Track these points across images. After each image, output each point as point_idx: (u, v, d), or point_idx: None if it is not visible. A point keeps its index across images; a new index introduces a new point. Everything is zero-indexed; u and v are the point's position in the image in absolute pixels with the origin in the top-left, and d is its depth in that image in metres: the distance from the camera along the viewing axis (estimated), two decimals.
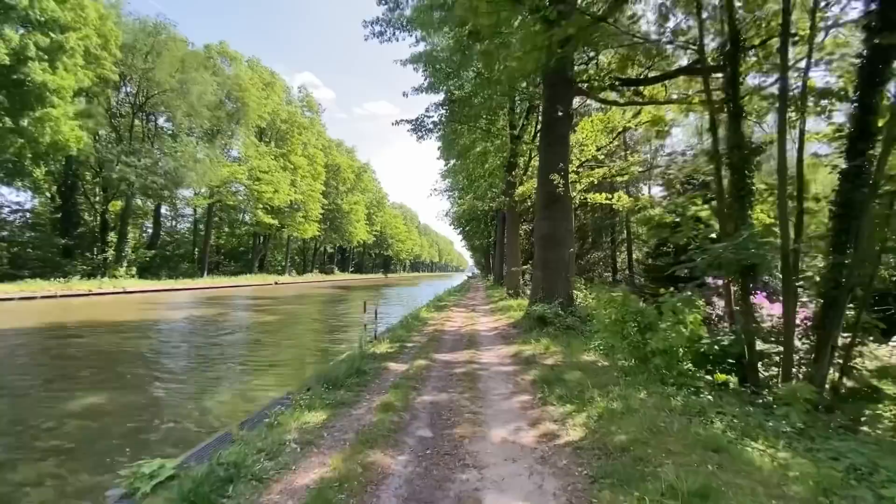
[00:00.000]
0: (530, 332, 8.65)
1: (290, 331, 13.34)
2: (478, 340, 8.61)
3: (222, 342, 10.94)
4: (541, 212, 10.13)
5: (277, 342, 11.04)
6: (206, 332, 12.44)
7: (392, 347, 7.71)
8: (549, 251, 9.81)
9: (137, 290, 26.56)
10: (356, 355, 6.63)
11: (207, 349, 9.98)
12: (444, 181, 41.07)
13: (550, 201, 9.88)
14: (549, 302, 9.39)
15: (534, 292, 10.07)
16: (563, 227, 9.95)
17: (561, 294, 9.55)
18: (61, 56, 21.48)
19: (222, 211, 45.67)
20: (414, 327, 10.32)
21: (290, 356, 9.19)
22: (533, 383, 5.24)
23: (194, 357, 9.16)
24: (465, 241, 62.41)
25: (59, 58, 21.49)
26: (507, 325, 10.66)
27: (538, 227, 10.11)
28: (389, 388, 5.11)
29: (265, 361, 8.67)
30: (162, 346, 10.33)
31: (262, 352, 9.73)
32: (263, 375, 7.70)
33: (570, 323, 8.35)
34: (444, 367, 6.32)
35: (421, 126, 13.55)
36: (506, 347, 7.76)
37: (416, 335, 9.20)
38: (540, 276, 9.83)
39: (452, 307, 16.09)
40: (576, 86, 10.31)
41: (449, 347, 7.90)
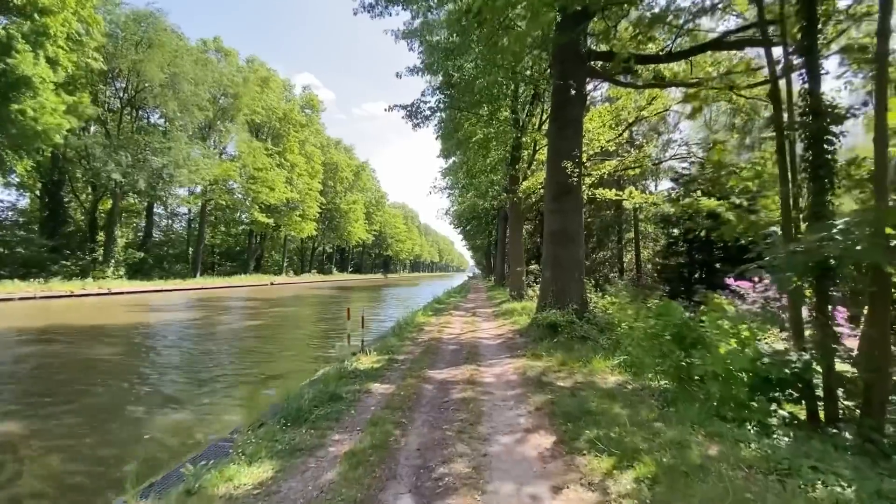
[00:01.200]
0: (540, 343, 7.51)
1: (275, 337, 12.20)
2: (480, 352, 7.46)
3: (192, 351, 9.80)
4: (550, 204, 8.97)
5: (256, 351, 9.89)
6: (179, 339, 11.32)
7: (379, 362, 6.56)
8: (560, 248, 8.66)
9: (124, 291, 25.46)
10: (332, 375, 5.49)
11: (171, 359, 8.85)
12: (444, 180, 40.07)
13: (561, 192, 8.73)
14: (560, 306, 8.24)
15: (542, 295, 8.92)
16: (575, 221, 8.81)
17: (574, 298, 8.40)
18: (41, 41, 20.41)
19: (218, 210, 44.59)
20: (408, 335, 9.18)
21: (267, 370, 8.03)
22: (551, 417, 4.09)
23: (151, 369, 8.01)
24: (466, 240, 61.35)
25: (40, 43, 20.43)
26: (512, 332, 9.51)
27: (548, 222, 8.97)
28: (367, 423, 3.97)
29: (233, 377, 7.49)
30: (120, 356, 9.19)
31: (235, 364, 8.58)
32: (226, 397, 6.55)
33: (585, 332, 7.20)
34: (439, 389, 5.18)
35: (417, 112, 12.37)
36: (512, 362, 6.60)
37: (410, 345, 8.06)
38: (550, 278, 8.68)
39: (452, 310, 14.94)
40: (588, 64, 9.16)
41: (446, 361, 6.75)
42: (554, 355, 6.57)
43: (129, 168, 27.53)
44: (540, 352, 6.89)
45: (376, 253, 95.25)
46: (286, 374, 7.42)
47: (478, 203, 37.63)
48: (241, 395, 6.67)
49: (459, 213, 44.41)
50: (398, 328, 9.96)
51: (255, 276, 43.45)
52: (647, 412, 4.01)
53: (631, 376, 5.45)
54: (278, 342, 11.21)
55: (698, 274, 17.77)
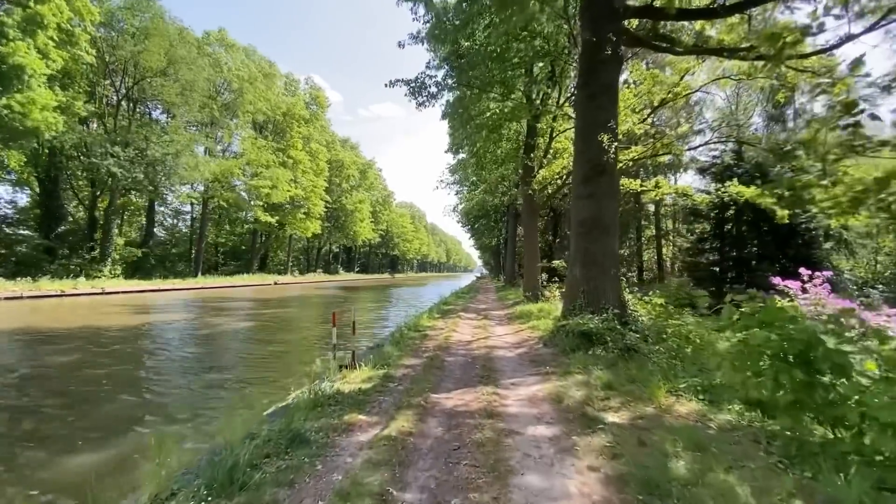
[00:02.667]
0: (571, 355, 6.06)
1: (262, 344, 10.89)
2: (496, 366, 6.03)
3: (157, 362, 8.49)
4: (580, 189, 7.50)
5: (230, 365, 8.54)
6: (152, 345, 10.05)
7: (371, 380, 5.18)
8: (591, 241, 7.19)
9: (118, 290, 24.45)
10: (303, 403, 4.11)
11: (125, 373, 7.51)
12: (452, 176, 38.67)
13: (594, 173, 7.26)
14: (593, 310, 6.78)
15: (570, 297, 7.45)
16: (610, 207, 7.33)
17: (610, 299, 6.93)
18: (31, 31, 19.44)
19: (221, 209, 43.71)
20: (409, 343, 7.78)
21: (234, 390, 6.61)
22: (620, 484, 2.65)
23: (90, 386, 6.64)
24: (474, 239, 59.83)
25: (31, 32, 19.46)
26: (533, 339, 8.06)
27: (577, 210, 7.50)
28: (333, 494, 2.57)
29: (184, 404, 5.87)
30: (66, 365, 7.90)
31: (197, 382, 7.06)
32: (155, 434, 5.09)
33: (631, 343, 5.72)
34: (446, 425, 3.77)
35: (421, 88, 10.90)
36: (541, 381, 5.17)
37: (411, 357, 6.65)
38: (580, 276, 7.21)
39: (461, 312, 13.52)
40: (622, 24, 7.68)
41: (455, 380, 5.34)
42: (593, 373, 5.13)
43: (126, 162, 26.56)
44: (574, 368, 5.45)
45: (383, 252, 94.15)
46: (254, 396, 6.03)
47: (487, 200, 36.21)
48: (178, 431, 4.84)
49: (467, 210, 43.01)
50: (399, 334, 8.57)
51: (258, 276, 42.45)
52: (767, 477, 2.56)
53: (706, 406, 4.00)
54: (262, 351, 9.86)
55: (732, 272, 16.13)
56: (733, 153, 15.59)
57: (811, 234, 14.66)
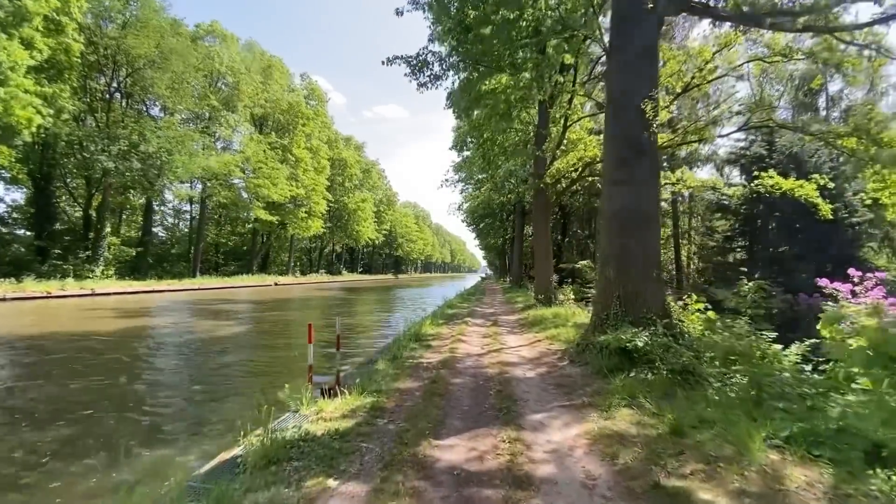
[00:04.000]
0: (609, 378, 4.81)
1: (242, 355, 9.71)
2: (515, 393, 4.78)
3: (116, 378, 7.27)
4: (613, 173, 6.24)
5: (198, 384, 7.26)
6: (118, 354, 8.88)
7: (353, 416, 3.96)
8: (628, 236, 5.93)
9: (108, 291, 23.44)
10: (252, 457, 2.90)
11: (66, 391, 6.33)
12: (457, 174, 37.42)
13: (631, 154, 6.00)
14: (631, 319, 5.52)
15: (601, 303, 6.19)
16: (650, 195, 6.06)
17: (652, 306, 5.67)
18: (15, 21, 18.43)
19: (220, 208, 42.75)
20: (408, 357, 6.56)
21: (181, 434, 5.34)
22: None
23: (21, 411, 5.50)
24: (479, 239, 58.53)
25: (14, 24, 18.45)
26: (553, 353, 6.80)
27: (609, 199, 6.23)
28: None
29: (109, 444, 4.70)
30: (17, 377, 6.76)
31: (130, 416, 5.67)
32: (73, 486, 3.91)
33: (690, 365, 4.46)
34: (452, 501, 2.53)
35: (423, 66, 9.64)
36: (577, 420, 3.91)
37: (409, 378, 5.43)
38: (613, 279, 5.94)
39: (467, 318, 12.28)
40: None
41: (462, 415, 4.10)
42: (644, 407, 3.88)
43: (118, 158, 25.55)
44: (617, 398, 4.19)
45: (387, 253, 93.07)
46: (196, 442, 4.77)
47: (492, 198, 34.93)
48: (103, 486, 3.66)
49: (472, 209, 41.77)
50: (396, 346, 7.35)
51: (258, 277, 41.43)
52: None
53: (832, 469, 2.74)
54: (241, 365, 8.64)
55: (764, 273, 14.76)
56: (765, 142, 14.24)
57: (854, 231, 13.27)
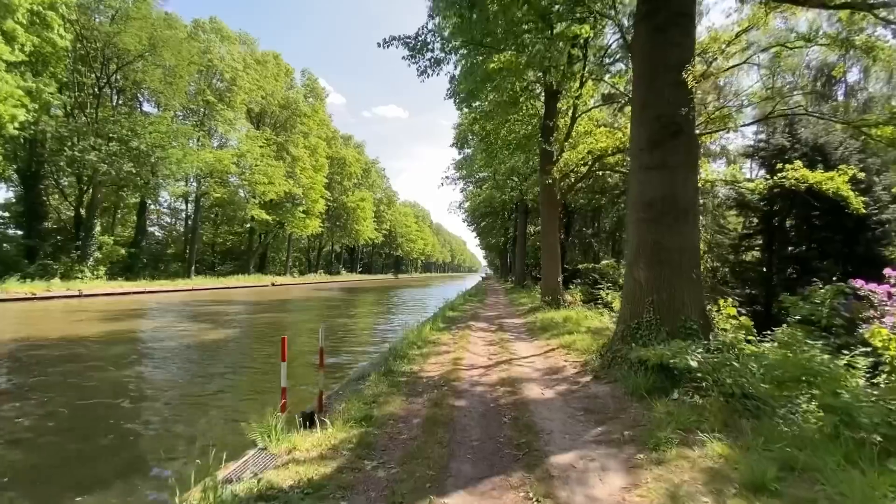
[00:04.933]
0: (648, 401, 3.95)
1: (223, 365, 8.84)
2: (535, 422, 3.90)
3: (68, 397, 6.40)
4: (643, 157, 5.37)
5: (162, 403, 6.43)
6: (83, 365, 8.00)
7: (333, 457, 3.10)
8: (663, 231, 5.07)
9: (96, 293, 22.58)
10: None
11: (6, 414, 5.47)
12: (458, 172, 36.60)
13: (665, 135, 5.14)
14: (668, 327, 4.67)
15: (630, 308, 5.31)
16: (689, 183, 5.20)
17: (691, 312, 4.81)
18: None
19: (217, 206, 41.89)
20: (405, 371, 5.70)
21: (132, 453, 4.41)
22: None
23: None
24: (480, 239, 57.70)
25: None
26: (571, 365, 5.94)
27: (639, 187, 5.36)
28: None
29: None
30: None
31: (94, 427, 4.92)
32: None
33: (746, 386, 3.58)
34: None
35: (423, 47, 8.72)
36: (621, 466, 3.04)
37: (406, 398, 4.56)
38: (645, 280, 5.08)
39: (470, 321, 11.41)
40: None
41: (472, 455, 3.23)
42: (705, 446, 3.03)
43: (108, 155, 24.69)
44: (665, 432, 3.33)
45: (386, 253, 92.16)
46: (132, 490, 3.87)
47: (494, 196, 34.09)
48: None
49: (473, 207, 40.94)
50: (392, 355, 6.48)
51: (254, 277, 40.58)
52: None
53: None
54: (219, 378, 7.74)
55: (785, 273, 13.91)
56: (787, 133, 13.37)
57: (884, 229, 12.41)
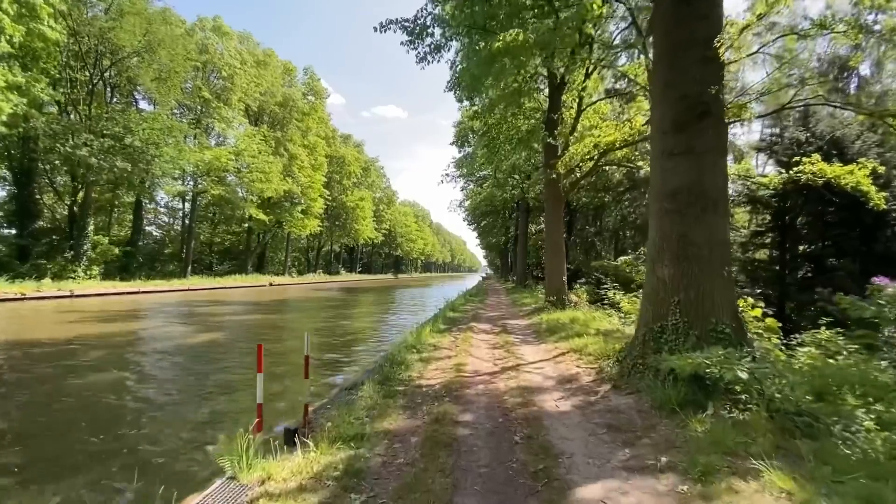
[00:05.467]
0: (678, 415, 3.42)
1: (204, 372, 8.31)
2: (551, 442, 3.37)
3: (38, 405, 5.91)
4: (666, 141, 4.83)
5: (135, 406, 5.89)
6: (46, 370, 7.46)
7: (316, 488, 2.57)
8: (690, 223, 4.54)
9: (89, 293, 22.05)
10: None
11: None
12: (458, 170, 36.10)
13: (691, 116, 4.61)
14: (697, 331, 4.14)
15: (653, 310, 4.77)
16: (718, 170, 4.67)
17: (722, 314, 4.29)
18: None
19: (214, 205, 41.36)
20: (402, 379, 5.17)
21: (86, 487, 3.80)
22: None
23: None
24: (480, 238, 57.17)
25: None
26: (584, 372, 5.41)
27: (662, 175, 4.83)
28: None
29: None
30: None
31: (51, 447, 4.37)
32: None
33: (798, 401, 3.05)
34: None
35: (423, 32, 8.17)
36: (663, 503, 2.52)
37: (402, 413, 4.03)
38: (669, 278, 4.55)
39: (471, 322, 10.88)
40: None
41: (479, 487, 2.70)
42: (765, 481, 2.50)
43: (102, 152, 24.16)
44: (707, 454, 2.81)
45: (386, 252, 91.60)
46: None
47: (495, 194, 33.56)
48: None
49: (474, 206, 40.39)
50: (390, 360, 5.96)
51: (252, 277, 40.05)
52: None
53: None
54: (196, 388, 7.16)
55: (800, 272, 13.38)
56: (802, 127, 12.84)
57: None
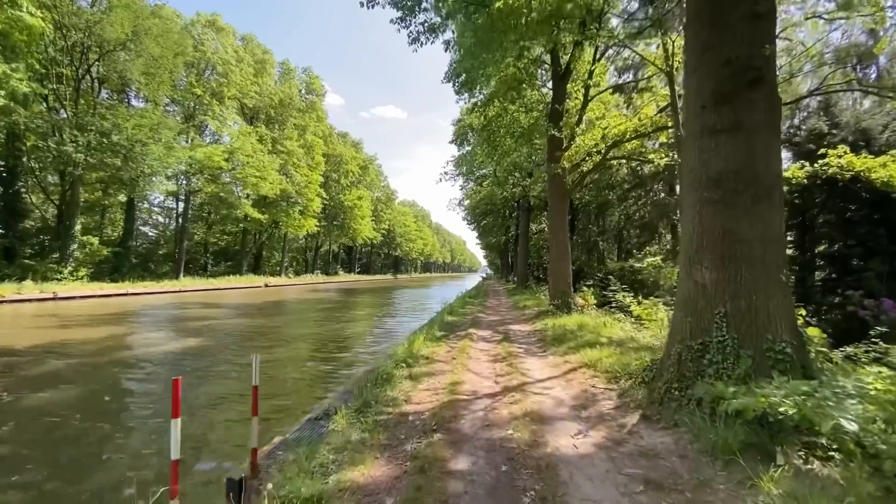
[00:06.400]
0: (740, 467, 2.58)
1: (160, 388, 7.46)
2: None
3: None
4: (705, 118, 3.96)
5: (62, 436, 5.07)
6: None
7: None
8: (736, 214, 3.69)
9: (73, 295, 21.20)
10: None
11: None
12: (457, 169, 35.26)
13: (737, 84, 3.76)
14: (751, 353, 3.29)
15: (693, 321, 3.90)
16: (771, 150, 3.81)
17: (780, 326, 3.44)
18: None
19: (209, 204, 40.52)
20: (383, 409, 4.32)
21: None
22: None
23: None
24: (480, 238, 56.31)
25: None
26: (604, 394, 4.56)
27: (702, 157, 3.96)
28: None
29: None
30: None
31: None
32: None
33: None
34: None
35: (415, 5, 7.39)
36: None
37: (379, 455, 3.18)
38: (710, 283, 3.69)
39: (470, 329, 10.01)
40: None
41: None
42: None
43: (87, 149, 23.33)
44: None
45: (385, 253, 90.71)
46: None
47: (495, 193, 32.75)
48: None
49: (473, 205, 39.54)
50: (373, 379, 5.10)
51: (247, 278, 39.20)
52: None
53: None
54: (132, 415, 6.25)
55: (821, 274, 12.52)
56: (825, 117, 12.00)
57: None
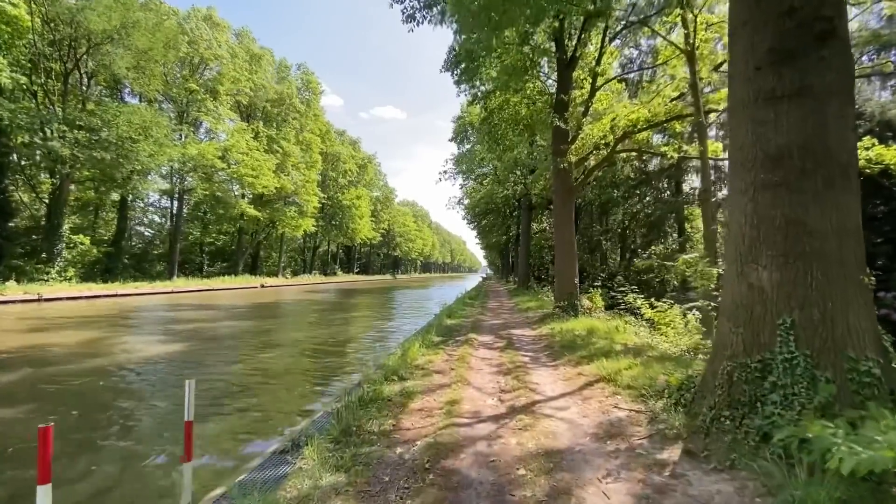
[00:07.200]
0: None
1: (137, 405, 6.74)
2: None
3: None
4: (759, 81, 3.22)
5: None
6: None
7: None
8: (804, 200, 2.95)
9: (59, 296, 20.46)
10: None
11: None
12: (457, 167, 34.57)
13: (806, 39, 3.02)
14: (830, 376, 2.55)
15: (747, 333, 3.17)
16: (845, 121, 3.07)
17: (862, 340, 2.71)
18: None
19: (204, 203, 39.80)
20: (365, 439, 3.59)
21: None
22: None
23: None
24: (480, 237, 55.56)
25: None
26: (631, 417, 3.83)
27: (756, 130, 3.23)
28: None
29: None
30: None
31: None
32: None
33: None
34: None
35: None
36: None
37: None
38: (769, 285, 2.96)
39: (470, 334, 9.25)
40: None
41: None
42: None
43: (75, 145, 22.60)
44: None
45: (384, 253, 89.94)
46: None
47: (496, 191, 32.08)
48: None
49: (473, 205, 38.82)
50: (357, 397, 4.37)
51: (242, 278, 38.45)
52: None
53: None
54: (97, 434, 5.63)
55: None
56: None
57: None
